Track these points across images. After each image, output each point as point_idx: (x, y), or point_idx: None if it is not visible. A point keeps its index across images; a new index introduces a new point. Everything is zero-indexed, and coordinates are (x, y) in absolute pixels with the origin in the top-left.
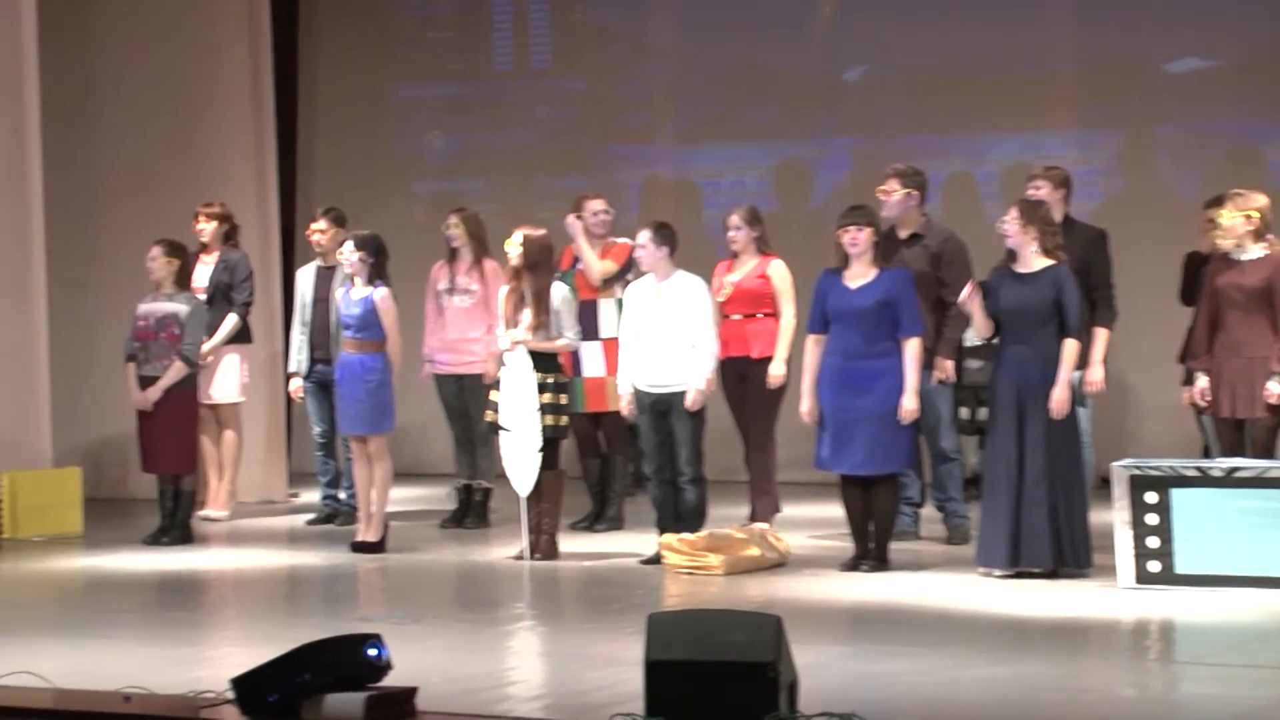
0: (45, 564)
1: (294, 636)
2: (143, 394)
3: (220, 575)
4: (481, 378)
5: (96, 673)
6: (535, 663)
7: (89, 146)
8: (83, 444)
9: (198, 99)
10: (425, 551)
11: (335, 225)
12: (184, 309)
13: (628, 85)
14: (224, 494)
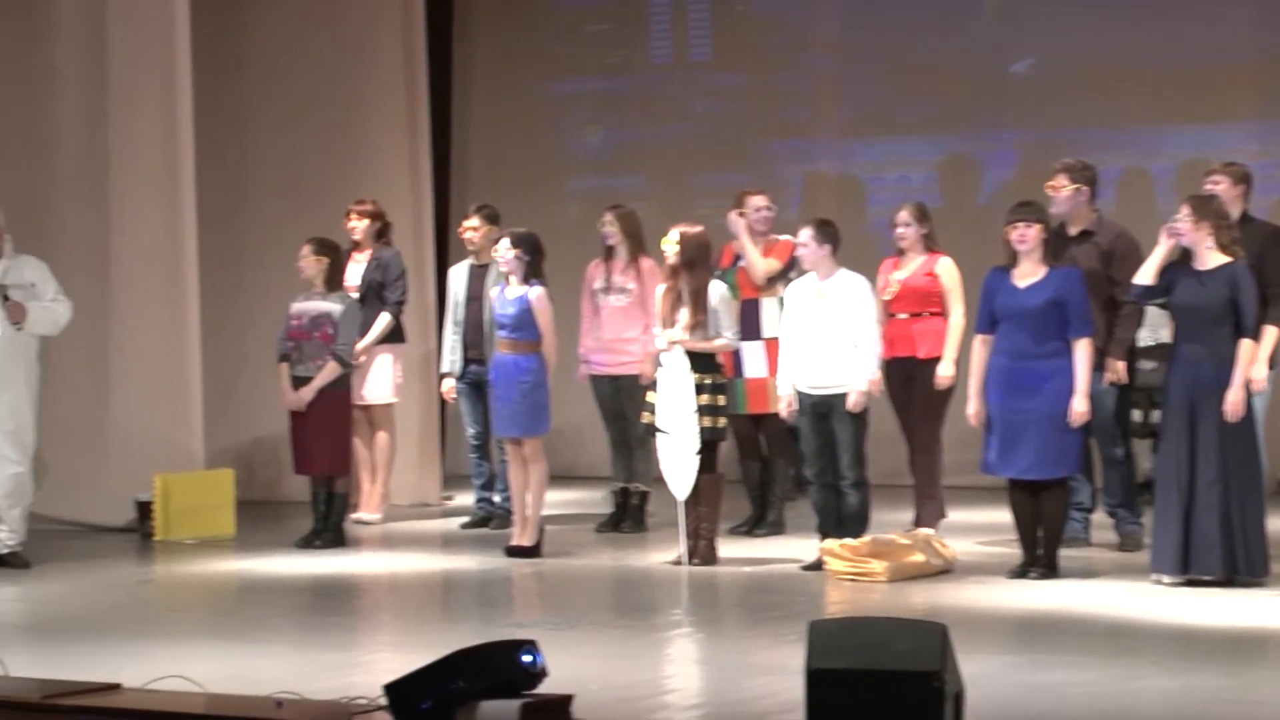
0: (197, 567)
1: (448, 642)
2: (296, 394)
3: (373, 579)
4: (638, 378)
5: (248, 678)
6: (693, 670)
7: (240, 145)
8: (235, 445)
9: (351, 96)
10: (581, 556)
11: (488, 223)
12: (338, 308)
13: (789, 78)
14: (377, 497)
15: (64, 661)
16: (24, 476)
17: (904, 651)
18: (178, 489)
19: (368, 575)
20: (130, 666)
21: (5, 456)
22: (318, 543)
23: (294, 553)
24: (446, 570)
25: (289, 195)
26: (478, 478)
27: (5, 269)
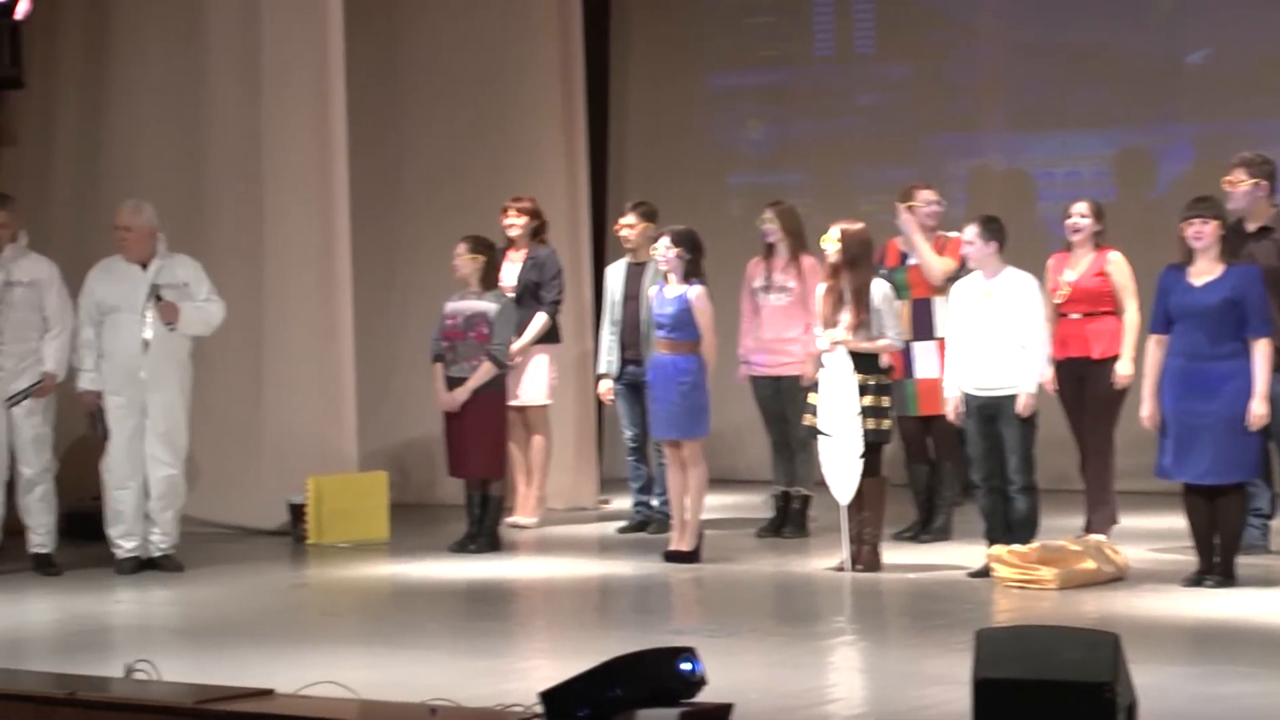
0: (351, 571)
1: (605, 649)
2: (450, 395)
3: (528, 584)
4: (799, 380)
5: (402, 684)
6: (856, 679)
7: (394, 142)
8: (388, 447)
9: (506, 92)
10: (741, 562)
11: (645, 220)
12: (493, 307)
13: (955, 70)
14: (533, 500)
15: (216, 666)
16: (177, 479)
17: (1075, 662)
18: (331, 491)
19: (523, 580)
20: (283, 672)
21: (158, 459)
22: (472, 547)
23: (448, 557)
24: (603, 575)
25: (443, 193)
26: (635, 481)
27: (159, 268)
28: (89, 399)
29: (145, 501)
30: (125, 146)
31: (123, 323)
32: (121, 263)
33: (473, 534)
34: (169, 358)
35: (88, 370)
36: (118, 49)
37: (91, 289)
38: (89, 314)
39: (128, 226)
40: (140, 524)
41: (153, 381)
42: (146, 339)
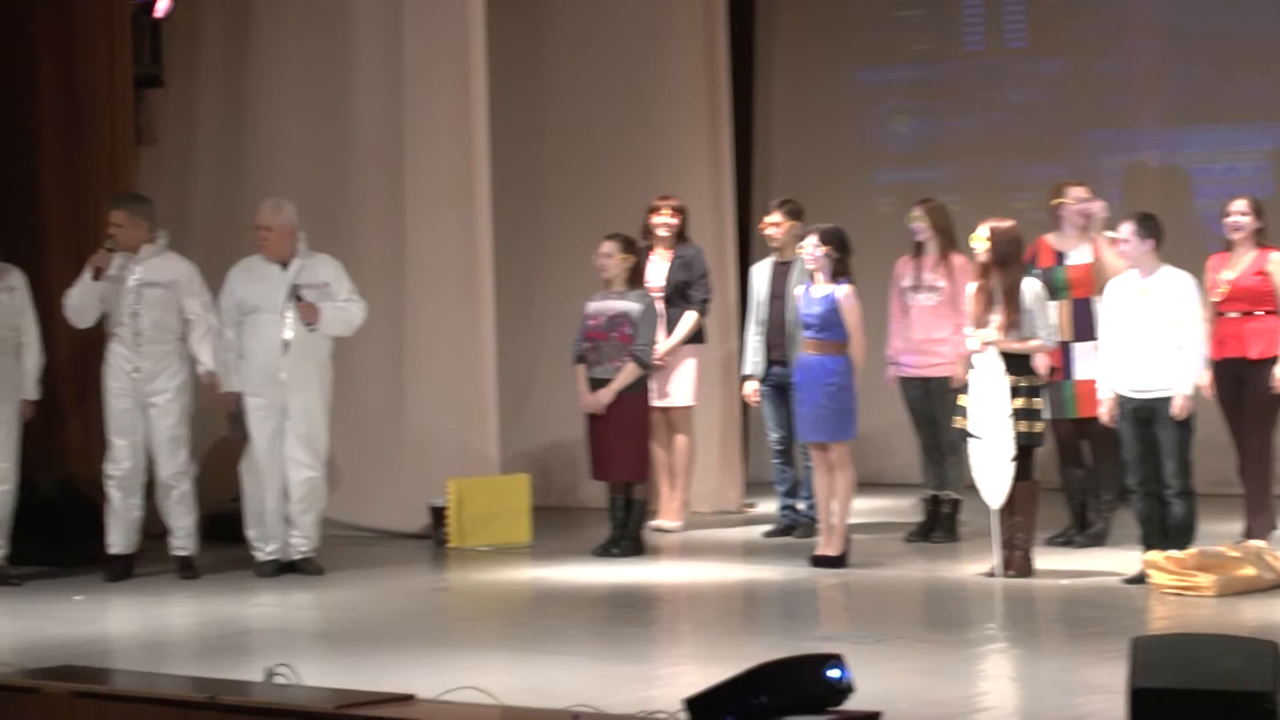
0: (492, 575)
1: (750, 655)
2: (593, 397)
3: (672, 589)
4: (949, 381)
5: (544, 690)
6: (1008, 688)
7: (536, 140)
8: (531, 450)
9: (650, 89)
10: (889, 567)
11: (791, 218)
12: (636, 308)
13: (1109, 64)
14: (677, 504)
15: (356, 671)
16: (317, 481)
17: (1233, 671)
18: (472, 494)
19: (667, 585)
20: (423, 677)
21: (298, 461)
22: (615, 551)
23: (591, 561)
24: (748, 580)
25: (586, 192)
26: (781, 484)
27: (299, 268)
28: (229, 400)
29: (285, 504)
30: (266, 145)
31: (263, 323)
32: (261, 262)
33: (616, 538)
34: (309, 359)
35: (228, 372)
36: (258, 47)
37: (232, 289)
38: (229, 314)
39: (268, 226)
40: (280, 527)
41: (293, 383)
42: (287, 340)
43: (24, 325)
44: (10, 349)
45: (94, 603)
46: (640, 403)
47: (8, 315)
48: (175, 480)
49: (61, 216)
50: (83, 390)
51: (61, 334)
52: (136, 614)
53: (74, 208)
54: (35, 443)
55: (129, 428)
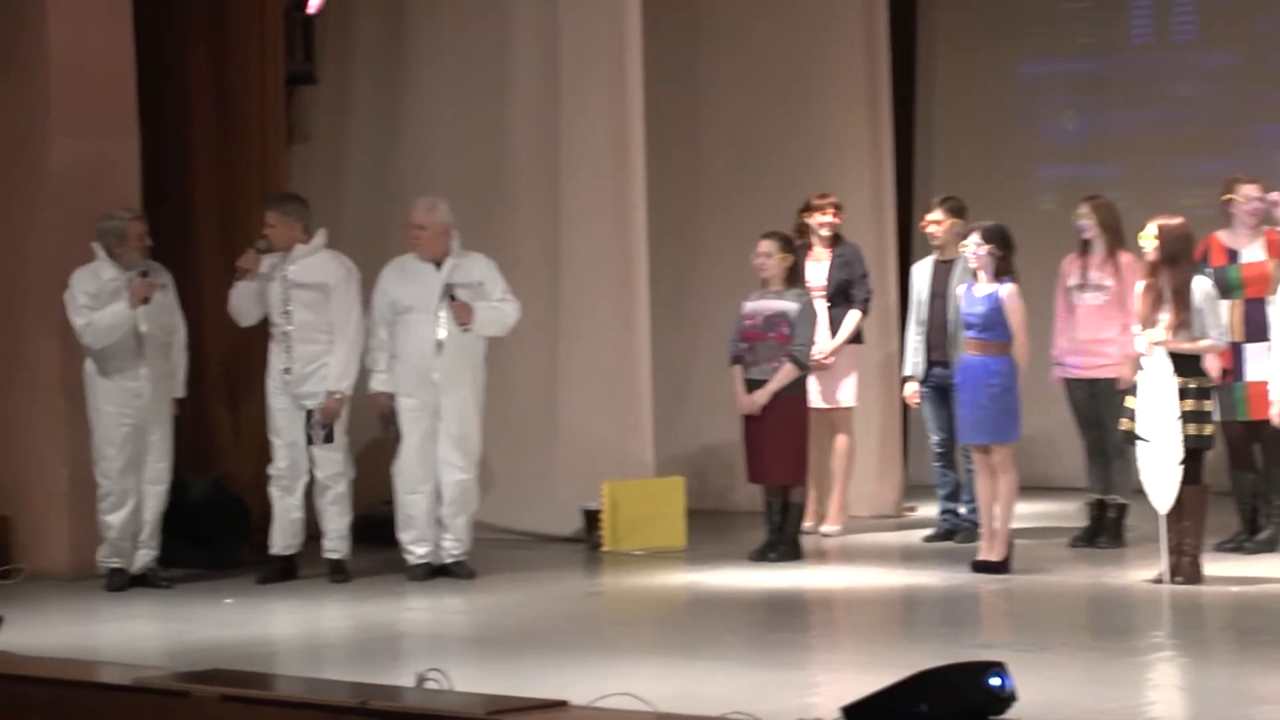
0: (646, 579)
1: (909, 662)
2: (750, 398)
3: (829, 594)
4: (1116, 382)
5: (698, 696)
6: (1176, 697)
7: (692, 138)
8: (686, 452)
9: (809, 84)
10: (1053, 573)
11: (952, 216)
12: (793, 307)
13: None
14: (835, 507)
15: (509, 676)
16: (469, 484)
17: None
18: (627, 497)
19: (824, 590)
20: (577, 683)
21: (450, 463)
22: (772, 555)
23: (747, 565)
24: (908, 586)
25: (743, 192)
26: (942, 488)
27: (453, 267)
28: (381, 401)
29: (437, 507)
30: (419, 143)
31: (416, 323)
32: (415, 261)
33: (772, 542)
34: (463, 360)
35: (380, 372)
36: (412, 43)
37: (384, 288)
38: (382, 314)
39: (422, 225)
40: (432, 530)
41: (446, 383)
42: (440, 340)
43: (175, 324)
44: (161, 348)
45: (244, 606)
46: (798, 404)
47: (159, 314)
48: (331, 481)
49: (212, 216)
50: (234, 390)
51: (213, 334)
52: (287, 617)
53: (224, 207)
54: (187, 443)
55: (285, 428)
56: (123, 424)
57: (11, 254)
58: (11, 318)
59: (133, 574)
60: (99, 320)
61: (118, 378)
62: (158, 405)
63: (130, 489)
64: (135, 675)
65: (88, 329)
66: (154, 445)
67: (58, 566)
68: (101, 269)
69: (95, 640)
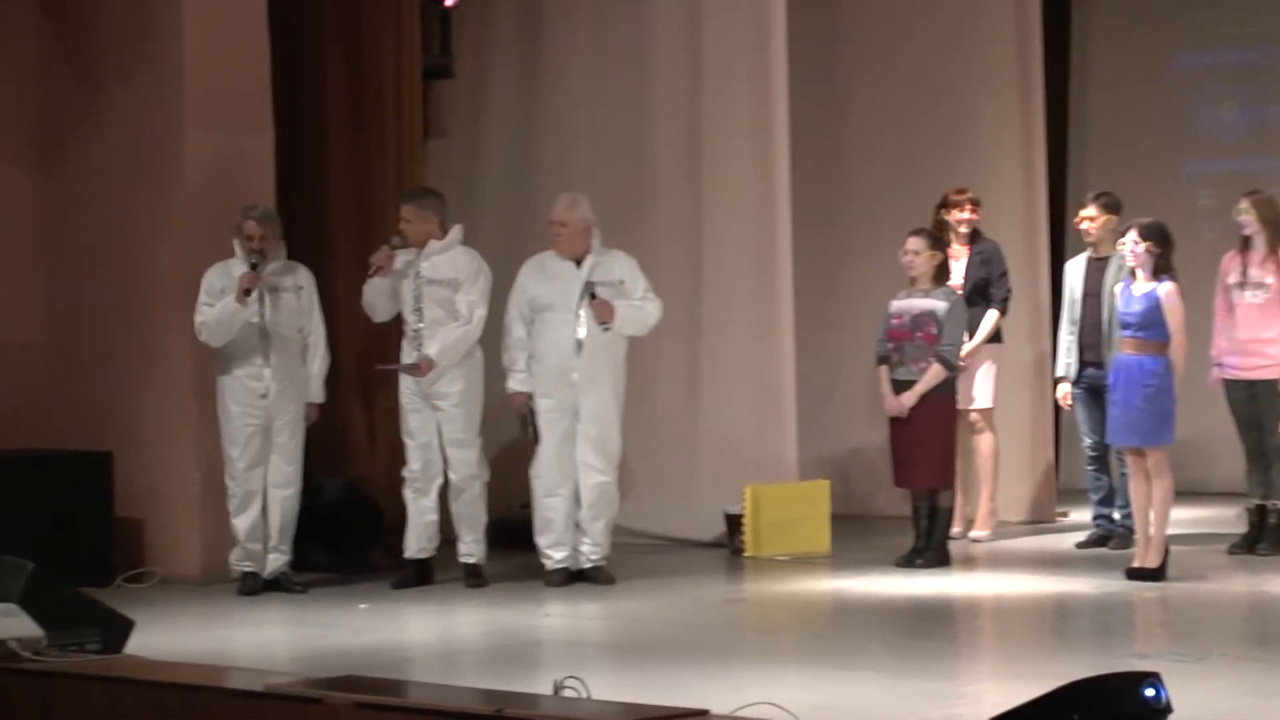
0: (789, 585)
1: (1060, 673)
2: (897, 400)
3: (978, 602)
4: (1276, 384)
5: (842, 706)
6: None
7: (836, 132)
8: (830, 455)
9: (958, 75)
10: (1211, 580)
11: (1107, 212)
12: (942, 306)
13: None
14: (984, 512)
15: (648, 685)
16: (609, 487)
17: None
18: (769, 501)
19: (972, 597)
20: (718, 692)
21: (589, 465)
22: (919, 561)
23: (893, 572)
24: (1059, 594)
25: (888, 186)
26: (1095, 492)
27: (593, 265)
28: (519, 401)
29: (576, 510)
30: (558, 139)
31: (555, 322)
32: (554, 259)
33: (919, 547)
34: (603, 359)
35: (518, 371)
36: (551, 37)
37: (523, 285)
38: (520, 312)
39: (562, 221)
40: (570, 534)
41: (585, 384)
42: (580, 339)
43: (310, 326)
44: (296, 350)
45: (379, 611)
46: (946, 406)
47: (295, 316)
48: (465, 484)
49: (347, 213)
50: (368, 390)
51: (347, 331)
52: (422, 623)
53: (359, 204)
54: (320, 444)
55: (417, 429)
56: (247, 424)
57: (145, 252)
58: (145, 316)
59: (265, 578)
60: (211, 315)
61: (241, 376)
62: (285, 406)
63: (256, 491)
64: (267, 681)
65: (203, 326)
66: (280, 447)
67: (190, 570)
68: (234, 265)
69: (227, 645)
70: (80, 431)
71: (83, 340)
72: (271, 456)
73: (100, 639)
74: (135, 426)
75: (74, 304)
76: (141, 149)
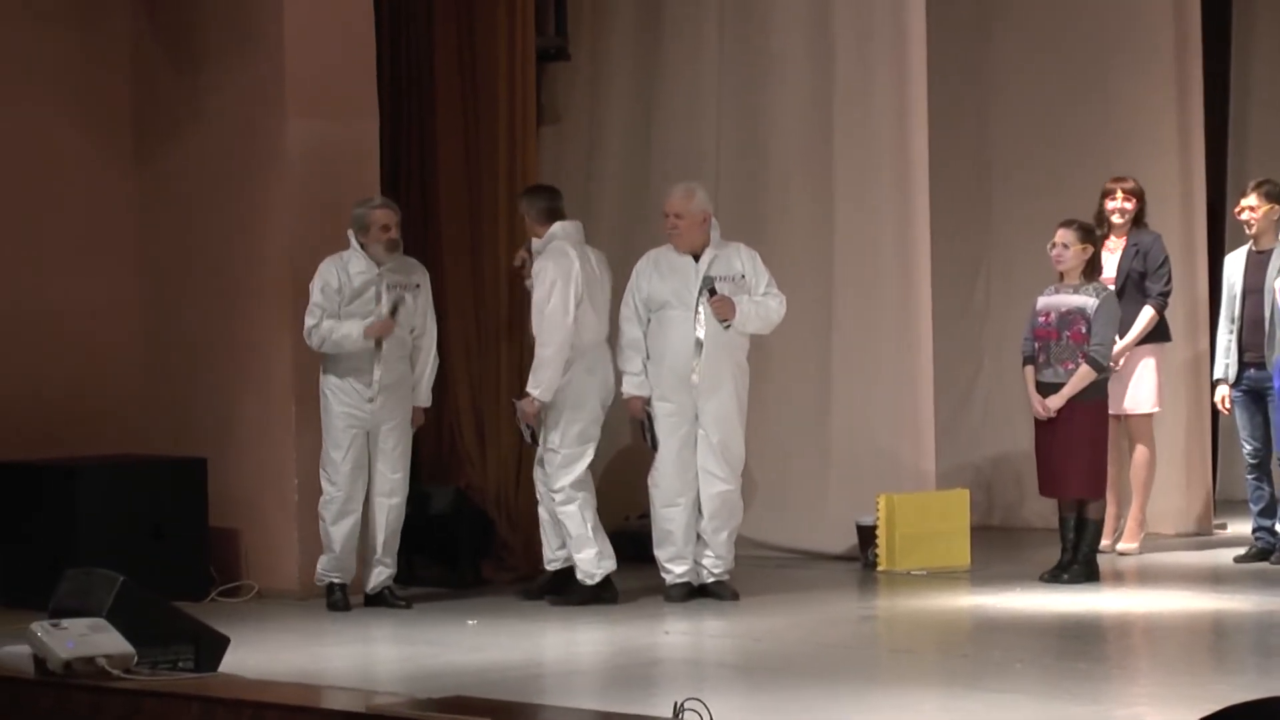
0: (927, 601)
1: (1217, 696)
2: (1043, 403)
3: (1129, 620)
4: None
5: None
6: None
7: (977, 114)
8: (971, 463)
9: (1108, 53)
10: None
11: (1270, 201)
12: (1092, 302)
13: None
14: (1135, 524)
15: (774, 707)
16: (732, 496)
17: None
18: (905, 512)
19: (1123, 615)
20: (849, 714)
21: (710, 473)
22: (1066, 576)
23: (1038, 587)
24: (1217, 611)
25: (1033, 173)
26: (1256, 503)
27: (712, 258)
28: (635, 405)
29: (697, 521)
30: (683, 126)
31: (673, 320)
32: (671, 253)
33: (1066, 562)
34: (723, 360)
35: (634, 374)
36: (672, 16)
37: (639, 283)
38: (635, 311)
39: (678, 213)
40: (691, 546)
41: (706, 386)
42: (699, 338)
43: (424, 327)
44: (406, 352)
45: (488, 627)
46: (1097, 410)
47: (409, 316)
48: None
49: (457, 204)
50: (477, 394)
51: (456, 333)
52: (534, 640)
53: (470, 193)
54: (428, 452)
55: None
56: (351, 426)
57: (243, 246)
58: (244, 314)
59: (368, 593)
60: (331, 332)
61: (350, 377)
62: (392, 411)
63: (356, 498)
64: (371, 701)
65: (314, 332)
66: (386, 454)
67: (288, 584)
68: (351, 261)
69: (327, 663)
70: (174, 436)
71: (178, 340)
72: (377, 464)
73: (194, 656)
74: (232, 431)
75: (169, 302)
76: (240, 138)
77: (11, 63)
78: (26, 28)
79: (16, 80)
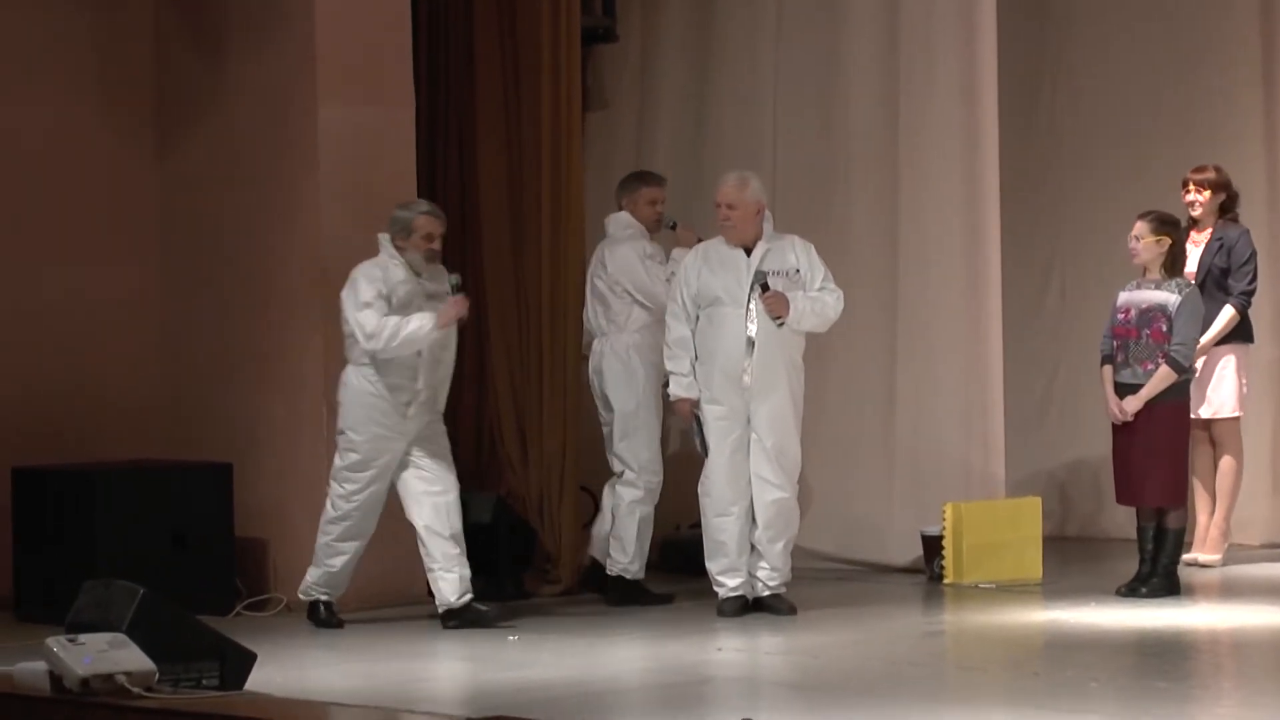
0: (996, 616)
1: None
2: (1121, 405)
3: (1212, 636)
4: None
5: None
6: None
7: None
8: (1044, 469)
9: (1191, 37)
10: None
11: None
12: (1174, 299)
13: None
14: (1217, 534)
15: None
16: (787, 504)
17: None
18: (973, 522)
19: (1206, 631)
20: None
21: (764, 479)
22: (1144, 590)
23: (1114, 601)
24: None
25: (1112, 163)
26: None
27: (764, 252)
28: (684, 408)
29: (751, 531)
30: (738, 112)
31: (724, 317)
32: (722, 246)
33: (1145, 574)
34: (777, 359)
35: (682, 375)
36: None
37: (687, 278)
38: (683, 307)
39: (731, 204)
40: (745, 558)
41: (759, 387)
42: (751, 336)
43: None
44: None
45: (530, 643)
46: (1178, 413)
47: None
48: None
49: (497, 193)
50: (519, 396)
51: (497, 329)
52: (578, 657)
53: (511, 183)
54: (468, 458)
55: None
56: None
57: (270, 240)
58: (271, 312)
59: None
60: (398, 329)
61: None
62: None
63: (369, 524)
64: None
65: (383, 329)
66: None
67: None
68: (391, 268)
69: (360, 681)
70: (197, 441)
71: (201, 338)
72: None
73: (218, 673)
74: (259, 435)
75: (194, 298)
76: (269, 125)
77: (28, 45)
78: (44, 9)
79: (33, 64)
